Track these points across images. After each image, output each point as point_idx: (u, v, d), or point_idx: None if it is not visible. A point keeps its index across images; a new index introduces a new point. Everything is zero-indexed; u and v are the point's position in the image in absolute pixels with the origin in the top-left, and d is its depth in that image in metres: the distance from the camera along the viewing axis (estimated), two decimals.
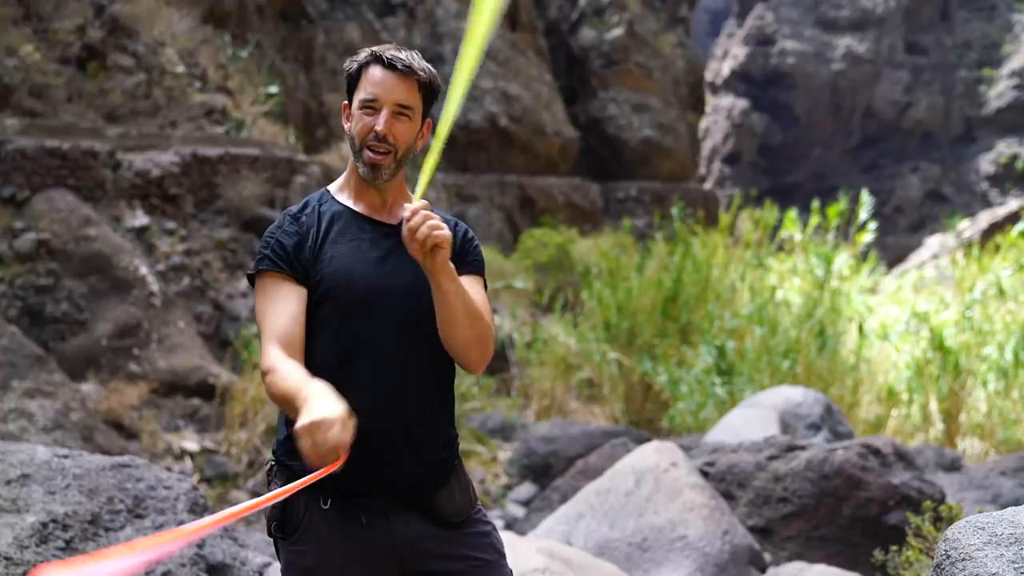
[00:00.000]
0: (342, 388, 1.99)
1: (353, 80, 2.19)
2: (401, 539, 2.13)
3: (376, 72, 2.15)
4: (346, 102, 2.22)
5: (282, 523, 2.15)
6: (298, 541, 2.13)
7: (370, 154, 2.15)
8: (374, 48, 2.19)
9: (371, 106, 2.14)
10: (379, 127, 2.13)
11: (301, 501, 2.12)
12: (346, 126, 2.22)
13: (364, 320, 2.12)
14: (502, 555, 2.26)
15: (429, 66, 2.20)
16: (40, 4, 12.44)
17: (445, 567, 2.16)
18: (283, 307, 2.10)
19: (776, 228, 12.18)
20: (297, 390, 1.92)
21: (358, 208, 2.22)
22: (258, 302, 2.14)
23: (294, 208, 2.23)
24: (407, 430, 2.15)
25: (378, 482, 2.12)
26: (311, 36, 20.16)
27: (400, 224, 2.09)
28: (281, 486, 2.13)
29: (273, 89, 15.92)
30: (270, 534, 2.20)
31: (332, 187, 2.29)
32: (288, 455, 2.17)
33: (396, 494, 2.14)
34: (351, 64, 2.20)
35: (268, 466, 2.25)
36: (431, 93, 2.20)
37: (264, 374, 2.04)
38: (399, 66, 2.14)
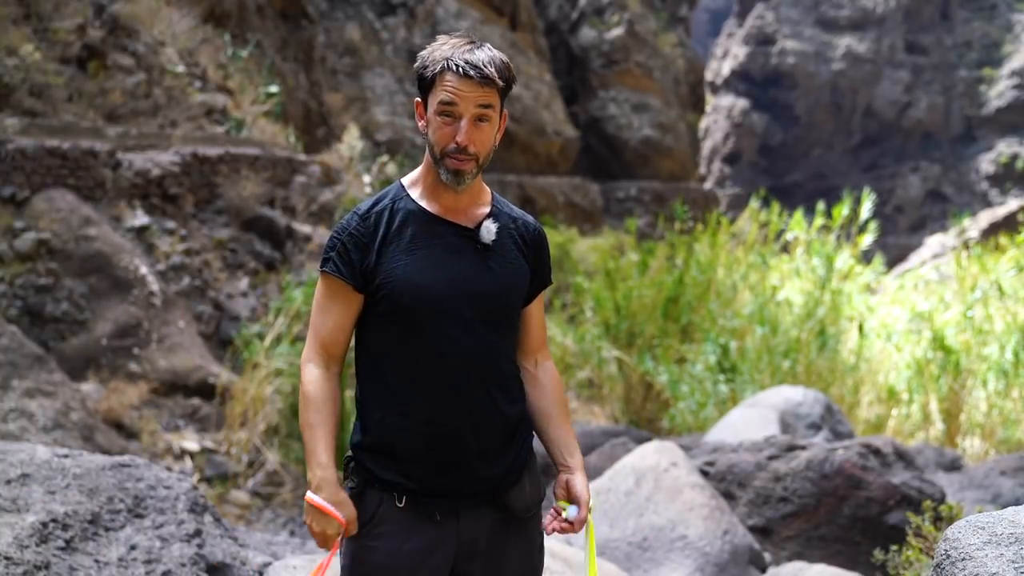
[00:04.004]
0: (415, 396, 2.11)
1: (426, 81, 2.12)
2: (464, 540, 2.16)
3: (453, 79, 2.07)
4: (419, 100, 2.16)
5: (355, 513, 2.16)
6: (368, 536, 2.14)
7: (453, 162, 2.11)
8: (449, 52, 2.09)
9: (450, 114, 2.09)
10: (460, 138, 2.09)
11: (376, 497, 2.14)
12: (420, 124, 2.17)
13: (441, 329, 2.12)
14: (530, 565, 2.27)
15: (502, 58, 2.13)
16: (40, 4, 12.44)
17: (486, 567, 2.19)
18: (334, 311, 2.17)
19: (781, 229, 12.18)
20: (316, 445, 2.14)
21: (432, 208, 2.18)
22: (317, 293, 2.21)
23: (364, 205, 2.20)
24: (481, 434, 2.16)
25: (454, 485, 2.14)
26: (311, 36, 20.16)
27: (478, 227, 2.18)
28: (356, 484, 2.17)
29: (273, 89, 15.93)
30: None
31: (407, 181, 2.24)
32: (370, 456, 2.17)
33: (470, 495, 2.16)
34: (426, 68, 2.11)
35: (346, 461, 2.25)
36: (508, 87, 2.15)
37: (303, 365, 2.18)
38: (476, 76, 2.07)
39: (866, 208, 10.48)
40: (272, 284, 11.79)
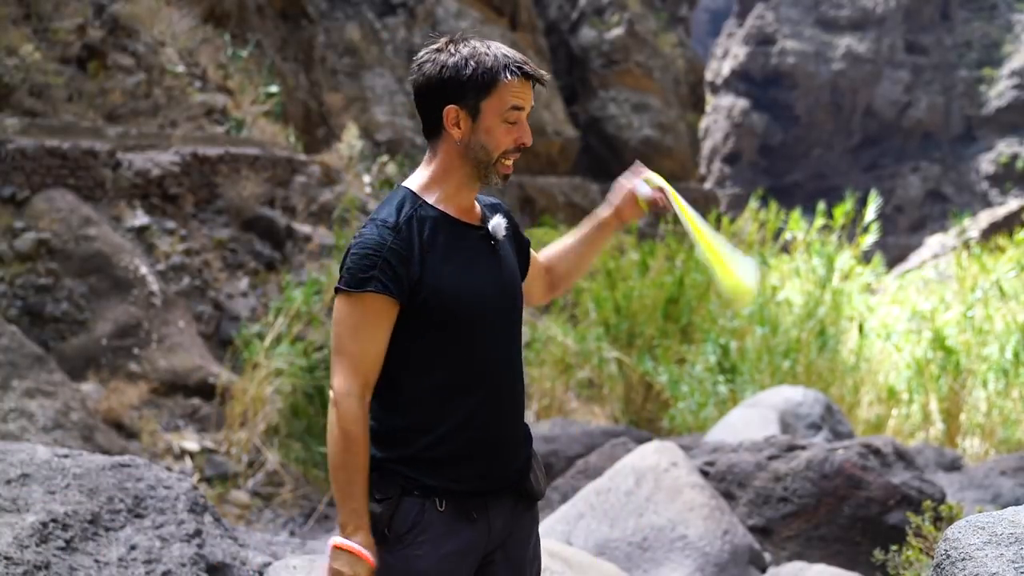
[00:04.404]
0: (464, 401, 2.11)
1: (481, 86, 2.08)
2: (494, 533, 2.17)
3: (517, 83, 2.09)
4: (455, 106, 2.09)
5: (390, 525, 2.10)
6: (410, 545, 2.09)
7: (508, 164, 2.14)
8: (502, 55, 2.09)
9: (516, 119, 2.11)
10: (528, 139, 2.13)
11: (415, 505, 2.09)
12: (456, 132, 2.11)
13: (485, 332, 2.13)
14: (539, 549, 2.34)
15: None
16: (40, 4, 12.44)
17: (509, 554, 2.22)
18: (379, 336, 2.06)
19: (780, 228, 12.17)
20: (354, 489, 2.05)
21: (451, 212, 2.15)
22: (350, 319, 2.05)
23: (389, 217, 2.08)
24: (516, 430, 2.22)
25: (497, 481, 2.17)
26: (311, 36, 20.17)
27: (484, 222, 2.19)
28: (392, 495, 2.10)
29: (273, 89, 15.93)
30: (377, 540, 2.11)
31: (415, 186, 2.17)
32: (410, 466, 2.11)
33: (499, 488, 2.19)
34: (483, 73, 2.07)
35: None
36: None
37: (343, 397, 2.04)
38: (539, 78, 2.12)
39: (872, 209, 10.45)
40: (272, 284, 11.79)
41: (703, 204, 25.48)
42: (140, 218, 11.10)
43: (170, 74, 13.44)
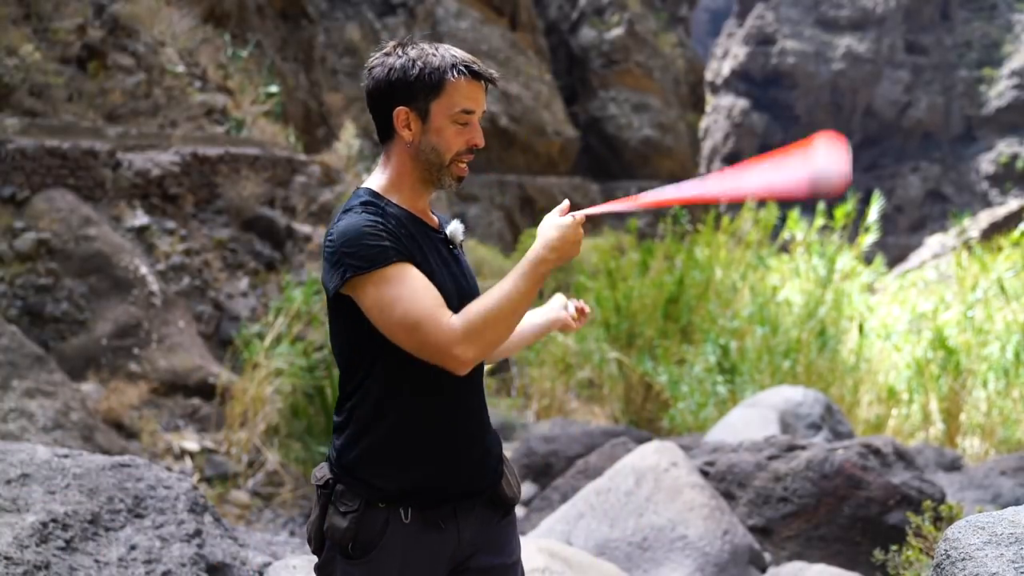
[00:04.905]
0: (440, 398, 2.10)
1: (429, 87, 2.07)
2: (463, 540, 2.15)
3: (469, 85, 2.08)
4: (405, 108, 2.09)
5: (355, 537, 2.07)
6: (373, 560, 2.07)
7: (462, 169, 2.14)
8: (451, 57, 2.09)
9: (467, 121, 2.11)
10: (479, 140, 2.13)
11: (380, 517, 2.07)
12: (407, 133, 2.10)
13: None
14: (519, 556, 2.31)
15: None
16: (40, 4, 12.44)
17: (483, 563, 2.19)
18: (427, 283, 2.00)
19: (779, 228, 12.16)
20: (506, 283, 2.00)
21: (413, 213, 2.15)
22: (388, 292, 1.96)
23: (367, 206, 2.07)
24: (483, 431, 2.21)
25: (465, 483, 2.15)
26: (311, 36, 20.17)
27: (440, 228, 2.21)
28: (358, 506, 2.07)
29: (273, 89, 15.94)
30: (341, 553, 2.09)
31: (378, 187, 2.15)
32: (380, 470, 2.08)
33: (470, 494, 2.16)
34: (431, 74, 2.07)
35: (325, 482, 2.13)
36: None
37: (464, 337, 1.95)
38: (491, 79, 2.12)
39: (875, 210, 10.44)
40: (272, 284, 11.79)
41: (703, 203, 25.48)
42: (140, 218, 11.10)
43: (170, 74, 13.44)
